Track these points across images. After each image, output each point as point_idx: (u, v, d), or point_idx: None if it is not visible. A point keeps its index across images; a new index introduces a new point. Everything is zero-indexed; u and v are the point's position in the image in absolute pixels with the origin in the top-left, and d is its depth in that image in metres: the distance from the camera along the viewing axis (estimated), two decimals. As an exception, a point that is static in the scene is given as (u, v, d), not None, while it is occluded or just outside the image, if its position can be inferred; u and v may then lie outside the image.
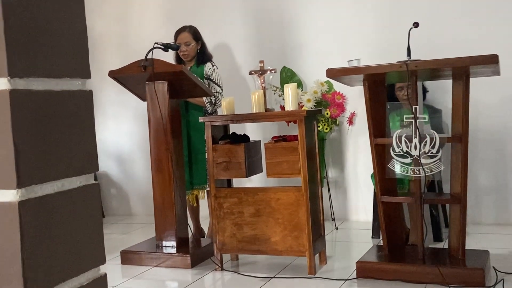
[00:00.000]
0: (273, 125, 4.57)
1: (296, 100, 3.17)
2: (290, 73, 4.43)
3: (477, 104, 3.82)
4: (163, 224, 3.48)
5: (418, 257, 2.89)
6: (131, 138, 5.16)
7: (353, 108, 4.28)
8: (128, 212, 5.26)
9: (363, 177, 4.28)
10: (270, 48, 4.55)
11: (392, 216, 3.10)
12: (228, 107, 3.30)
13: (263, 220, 3.14)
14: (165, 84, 3.38)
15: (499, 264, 2.93)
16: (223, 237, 3.24)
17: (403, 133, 2.89)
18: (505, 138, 3.88)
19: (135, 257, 3.48)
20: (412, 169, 2.86)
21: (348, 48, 4.22)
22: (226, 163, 3.21)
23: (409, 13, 3.99)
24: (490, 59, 2.57)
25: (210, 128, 3.25)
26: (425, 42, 3.77)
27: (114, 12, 5.15)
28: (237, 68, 4.66)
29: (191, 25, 3.82)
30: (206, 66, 3.76)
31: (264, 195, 3.15)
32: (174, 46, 3.58)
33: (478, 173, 3.96)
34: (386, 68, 2.83)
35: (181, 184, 3.49)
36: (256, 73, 3.35)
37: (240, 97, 4.02)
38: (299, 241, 3.07)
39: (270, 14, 4.56)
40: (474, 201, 3.96)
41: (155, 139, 3.44)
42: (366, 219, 4.25)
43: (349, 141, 4.40)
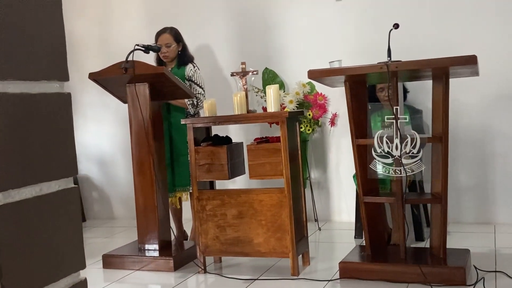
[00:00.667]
0: (255, 127, 4.57)
1: (278, 101, 3.18)
2: (272, 75, 4.43)
3: (457, 104, 3.87)
4: (145, 227, 3.45)
5: (400, 256, 2.92)
6: (112, 140, 5.11)
7: (335, 109, 4.30)
8: (110, 216, 5.21)
9: (346, 177, 4.30)
10: (252, 50, 4.55)
11: (374, 217, 3.12)
12: (210, 108, 3.29)
13: (246, 222, 3.14)
14: (146, 86, 3.36)
15: (479, 263, 2.96)
16: (206, 240, 3.22)
17: (384, 133, 2.91)
18: (485, 137, 3.94)
19: (117, 261, 3.45)
20: (394, 169, 2.89)
21: (330, 49, 4.24)
22: (208, 165, 3.20)
23: (389, 14, 4.02)
24: (469, 60, 2.60)
25: (192, 130, 3.23)
26: (406, 43, 3.80)
27: (94, 14, 5.10)
28: (219, 70, 4.65)
29: (172, 27, 3.80)
30: (187, 68, 3.75)
31: (247, 197, 3.14)
32: (155, 48, 3.56)
33: (458, 172, 4.00)
34: (366, 69, 2.85)
35: (164, 187, 3.47)
36: (238, 74, 3.35)
37: (222, 98, 4.01)
38: (282, 243, 3.07)
39: (252, 15, 4.56)
40: (455, 200, 4.00)
41: (137, 142, 3.41)
42: (349, 220, 4.27)
43: (331, 142, 4.41)
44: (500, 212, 3.93)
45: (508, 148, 3.88)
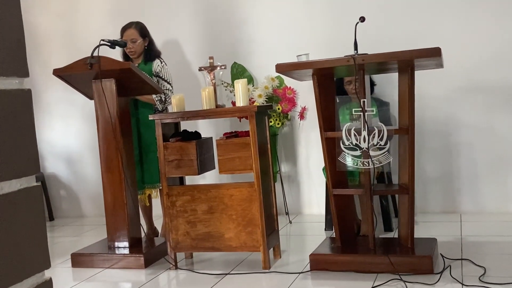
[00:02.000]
0: (225, 121, 4.56)
1: (247, 95, 3.17)
2: (241, 69, 4.43)
3: (423, 96, 3.93)
4: (114, 225, 3.41)
5: (369, 247, 2.96)
6: (79, 137, 5.03)
7: (304, 102, 4.33)
8: (78, 214, 5.13)
9: (316, 170, 4.33)
10: (221, 44, 4.53)
11: (343, 208, 3.16)
12: (178, 104, 3.27)
13: (217, 217, 3.13)
14: (112, 82, 3.31)
15: (446, 251, 3.03)
16: (176, 236, 3.21)
17: (352, 126, 2.94)
18: (450, 128, 4.02)
19: (86, 259, 3.40)
20: (362, 161, 2.92)
21: (298, 43, 4.26)
22: (177, 161, 3.18)
23: (356, 7, 4.05)
24: (433, 52, 2.64)
25: (161, 126, 3.20)
26: (373, 36, 3.85)
27: (58, 8, 4.99)
28: (187, 65, 4.62)
29: (138, 21, 3.75)
30: (154, 63, 3.71)
31: (217, 192, 3.14)
32: (121, 43, 3.51)
33: (425, 163, 4.08)
34: (334, 62, 2.87)
35: (133, 184, 3.44)
36: (206, 69, 3.33)
37: (191, 94, 3.98)
38: (253, 237, 3.07)
39: (220, 9, 4.54)
40: (422, 190, 4.08)
41: (104, 139, 3.37)
42: (319, 212, 4.31)
43: (301, 136, 4.44)
44: (465, 201, 4.02)
45: (472, 138, 3.97)
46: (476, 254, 2.99)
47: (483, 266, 2.78)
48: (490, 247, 3.14)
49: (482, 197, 3.97)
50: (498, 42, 3.85)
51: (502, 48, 3.85)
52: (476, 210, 3.98)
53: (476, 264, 2.83)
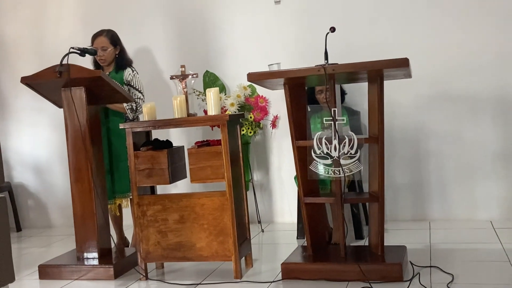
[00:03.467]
0: (197, 130, 4.54)
1: (219, 104, 3.17)
2: (213, 78, 4.42)
3: (393, 105, 4.00)
4: (84, 235, 3.35)
5: (340, 255, 2.98)
6: (49, 146, 4.94)
7: (276, 111, 4.34)
8: (47, 224, 5.03)
9: (288, 179, 4.34)
10: (193, 53, 4.52)
11: (315, 217, 3.17)
12: (149, 112, 3.24)
13: (188, 226, 3.11)
14: (82, 90, 3.27)
15: (415, 259, 3.07)
16: (147, 246, 3.17)
17: (323, 135, 2.96)
18: (419, 137, 4.08)
19: (55, 271, 3.33)
20: (333, 170, 2.94)
21: (270, 52, 4.28)
22: (148, 170, 3.15)
23: (327, 17, 4.10)
24: (401, 62, 2.69)
25: (131, 135, 3.17)
26: (343, 46, 3.89)
27: (27, 15, 4.92)
28: (159, 73, 4.59)
29: (109, 29, 3.72)
30: (125, 72, 3.68)
31: (189, 201, 3.12)
32: (91, 51, 3.47)
33: (395, 171, 4.13)
34: (304, 71, 2.90)
35: (102, 193, 3.39)
36: (178, 77, 3.31)
37: (162, 102, 3.96)
38: (225, 246, 3.06)
39: (192, 18, 4.54)
40: (392, 198, 4.13)
41: (73, 147, 3.32)
42: (291, 221, 4.32)
43: (273, 144, 4.45)
44: (434, 209, 4.09)
45: (441, 146, 4.04)
46: (445, 261, 3.03)
47: (451, 273, 2.82)
48: (458, 254, 3.19)
49: (451, 205, 4.04)
50: (464, 52, 3.94)
51: (468, 57, 3.94)
52: (445, 217, 4.04)
53: (445, 271, 2.87)
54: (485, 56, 3.91)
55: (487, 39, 3.90)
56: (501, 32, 3.87)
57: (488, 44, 3.90)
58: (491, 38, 3.89)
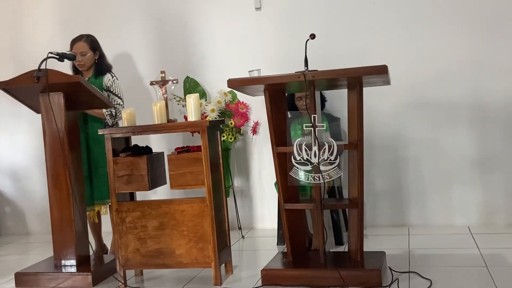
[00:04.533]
0: (178, 136, 4.52)
1: (199, 110, 3.16)
2: (194, 83, 4.41)
3: (372, 112, 4.04)
4: (61, 243, 3.31)
5: (320, 261, 2.98)
6: (26, 152, 4.87)
7: (256, 117, 4.35)
8: (24, 231, 4.95)
9: (268, 185, 4.35)
10: (173, 58, 4.51)
11: (295, 223, 3.18)
12: (128, 118, 3.22)
13: (168, 233, 3.09)
14: (61, 96, 3.24)
15: (394, 264, 3.09)
16: (126, 253, 3.14)
17: (303, 141, 2.97)
18: (398, 143, 4.12)
19: (32, 278, 3.28)
20: (313, 176, 2.95)
21: (251, 58, 4.29)
22: (128, 176, 3.13)
23: (308, 24, 4.13)
24: (380, 69, 2.72)
25: (110, 141, 3.15)
26: (324, 53, 3.92)
27: (4, 19, 4.85)
28: (139, 79, 4.57)
29: (88, 34, 3.69)
30: (105, 77, 3.65)
31: (168, 208, 3.10)
32: (70, 56, 3.44)
33: (375, 177, 4.16)
34: (284, 78, 2.91)
35: (81, 200, 3.35)
36: (158, 83, 3.30)
37: (143, 108, 3.93)
38: (205, 253, 3.05)
39: (172, 24, 4.53)
40: (371, 204, 4.16)
41: (51, 154, 3.27)
42: (272, 227, 4.32)
43: (253, 150, 4.45)
44: (413, 215, 4.12)
45: (419, 152, 4.08)
46: (423, 267, 3.06)
47: (429, 279, 2.84)
48: (436, 260, 3.22)
49: (429, 211, 4.09)
50: (442, 60, 4.00)
51: (446, 65, 4.00)
52: (423, 223, 4.08)
53: (423, 276, 2.90)
54: (462, 64, 3.97)
55: (464, 47, 3.96)
56: (478, 41, 3.94)
57: (465, 52, 3.96)
58: (468, 46, 3.96)
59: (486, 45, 3.93)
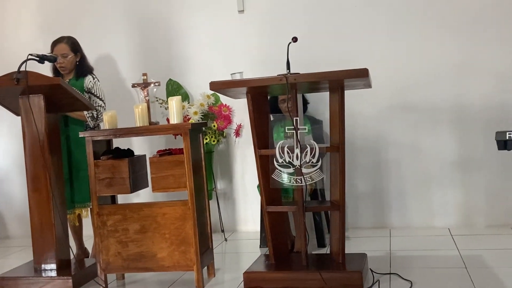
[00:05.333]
0: (160, 139, 4.50)
1: (181, 113, 3.16)
2: (176, 86, 4.40)
3: (354, 114, 4.07)
4: (41, 246, 3.27)
5: (302, 264, 2.99)
6: (6, 155, 4.81)
7: (239, 120, 4.35)
8: (4, 235, 4.89)
9: (251, 187, 4.35)
10: (156, 61, 4.49)
11: (277, 225, 3.18)
12: (110, 121, 3.20)
13: (149, 236, 3.08)
14: (41, 98, 3.20)
15: (375, 266, 3.11)
16: (107, 256, 3.12)
17: (285, 143, 2.98)
18: (379, 146, 4.16)
19: (10, 283, 3.23)
20: (295, 179, 2.96)
21: (234, 61, 4.29)
22: (109, 179, 3.11)
23: (290, 27, 4.14)
24: (360, 72, 2.74)
25: (92, 143, 3.12)
26: (306, 56, 3.94)
27: (-16, 20, 4.80)
28: (121, 81, 4.54)
29: (69, 36, 3.66)
30: (86, 79, 3.62)
31: (150, 211, 3.08)
32: (51, 58, 3.41)
33: (357, 180, 4.19)
34: (266, 81, 2.91)
35: (61, 203, 3.31)
36: (140, 86, 3.29)
37: (125, 111, 3.90)
38: (187, 256, 3.04)
39: (155, 26, 4.51)
40: (353, 206, 4.18)
41: (31, 156, 3.24)
42: (254, 229, 4.32)
43: (236, 153, 4.45)
44: (394, 217, 4.16)
45: (400, 155, 4.12)
46: (404, 268, 3.08)
47: (409, 280, 2.87)
48: (416, 261, 3.25)
49: (410, 212, 4.13)
50: (422, 63, 4.05)
51: (427, 69, 4.04)
52: (404, 225, 4.12)
53: (403, 278, 2.92)
54: (443, 67, 4.02)
55: (445, 51, 4.01)
56: (458, 44, 3.99)
57: (446, 56, 4.01)
58: (448, 50, 4.01)
59: (466, 49, 3.99)
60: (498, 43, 3.93)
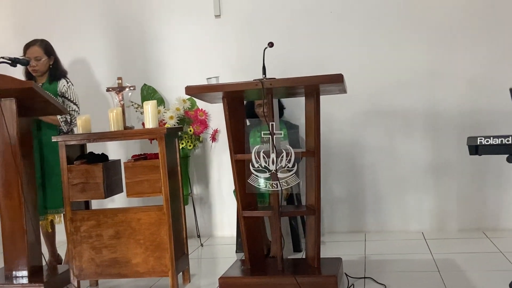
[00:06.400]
0: (135, 144, 4.47)
1: (156, 117, 3.14)
2: (151, 91, 4.37)
3: (330, 120, 4.09)
4: (13, 253, 3.20)
5: (277, 268, 2.99)
6: (-23, 160, 4.70)
7: (216, 124, 4.34)
8: (-26, 242, 4.77)
9: (228, 192, 4.34)
10: (131, 65, 4.46)
11: (253, 230, 3.18)
12: (84, 125, 3.16)
13: (124, 242, 3.04)
14: (13, 102, 3.14)
15: (350, 270, 3.14)
16: (80, 263, 3.07)
17: (261, 148, 2.99)
18: (354, 151, 4.19)
19: (-20, 291, 3.16)
20: (271, 183, 2.97)
21: (210, 65, 4.29)
22: (83, 184, 3.07)
23: (266, 32, 4.16)
24: (336, 78, 2.76)
25: (65, 148, 3.08)
26: (282, 61, 3.96)
27: (-45, 22, 4.70)
28: (96, 85, 4.49)
29: (42, 39, 3.61)
30: (60, 83, 3.57)
31: (124, 216, 3.05)
32: (23, 61, 3.35)
33: (332, 184, 4.22)
34: (242, 86, 2.92)
35: (33, 209, 3.25)
36: (114, 90, 3.26)
37: (100, 115, 3.86)
38: (162, 261, 3.01)
39: (131, 29, 4.48)
40: (329, 211, 4.21)
41: (2, 161, 3.17)
42: (231, 234, 4.31)
43: (213, 158, 4.44)
44: (369, 221, 4.20)
45: (375, 160, 4.16)
46: (378, 272, 3.11)
47: (383, 284, 2.90)
48: (391, 265, 3.28)
49: (385, 217, 4.17)
50: (397, 69, 4.10)
51: (401, 74, 4.10)
52: (379, 229, 4.16)
53: (378, 282, 2.95)
54: (417, 73, 4.08)
55: (419, 57, 4.08)
56: (431, 51, 4.06)
57: (420, 62, 4.08)
58: (422, 57, 4.07)
59: (439, 55, 4.05)
60: (468, 50, 4.01)
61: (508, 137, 2.40)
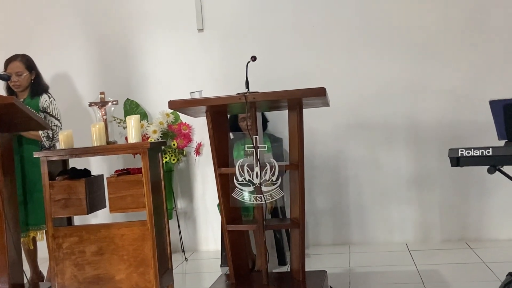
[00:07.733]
0: (119, 159, 4.44)
1: (139, 132, 3.12)
2: (134, 105, 4.36)
3: (313, 133, 4.12)
4: (-7, 271, 3.14)
5: (262, 282, 2.98)
6: (-44, 176, 4.62)
7: (200, 138, 4.34)
8: (-47, 260, 4.67)
9: (212, 206, 4.33)
10: (114, 79, 4.45)
11: (238, 244, 3.16)
12: (66, 140, 3.13)
13: (107, 258, 3.00)
14: (-6, 117, 3.11)
15: (335, 283, 3.14)
16: (62, 280, 3.02)
17: (245, 162, 2.98)
18: (338, 163, 4.22)
19: (-41, 311, 3.09)
20: (255, 197, 2.96)
21: (194, 79, 4.30)
22: (65, 200, 3.03)
23: (249, 46, 4.18)
24: (318, 91, 2.77)
25: (47, 164, 3.04)
26: (266, 74, 3.98)
27: None
28: (78, 100, 4.47)
29: (23, 54, 3.58)
30: (41, 98, 3.54)
31: (107, 232, 3.01)
32: (4, 76, 3.33)
33: (317, 197, 4.23)
34: (226, 100, 2.92)
35: (15, 226, 3.20)
36: (97, 104, 3.24)
37: (82, 130, 3.81)
38: (145, 277, 2.98)
39: (113, 44, 4.47)
40: (314, 223, 4.21)
41: (-17, 177, 3.12)
42: (215, 248, 4.29)
43: (197, 172, 4.43)
44: (354, 233, 4.21)
45: (358, 172, 4.19)
46: (363, 284, 3.12)
47: (369, 296, 2.91)
48: (375, 277, 3.29)
49: (369, 228, 4.19)
50: (378, 82, 4.15)
51: (383, 87, 4.15)
52: (363, 241, 4.17)
53: (363, 294, 2.96)
54: (398, 86, 4.13)
55: (400, 71, 4.13)
56: (412, 64, 4.12)
57: (400, 75, 4.13)
58: (403, 69, 4.13)
59: (420, 69, 4.11)
60: (449, 63, 4.08)
61: (489, 149, 2.44)
